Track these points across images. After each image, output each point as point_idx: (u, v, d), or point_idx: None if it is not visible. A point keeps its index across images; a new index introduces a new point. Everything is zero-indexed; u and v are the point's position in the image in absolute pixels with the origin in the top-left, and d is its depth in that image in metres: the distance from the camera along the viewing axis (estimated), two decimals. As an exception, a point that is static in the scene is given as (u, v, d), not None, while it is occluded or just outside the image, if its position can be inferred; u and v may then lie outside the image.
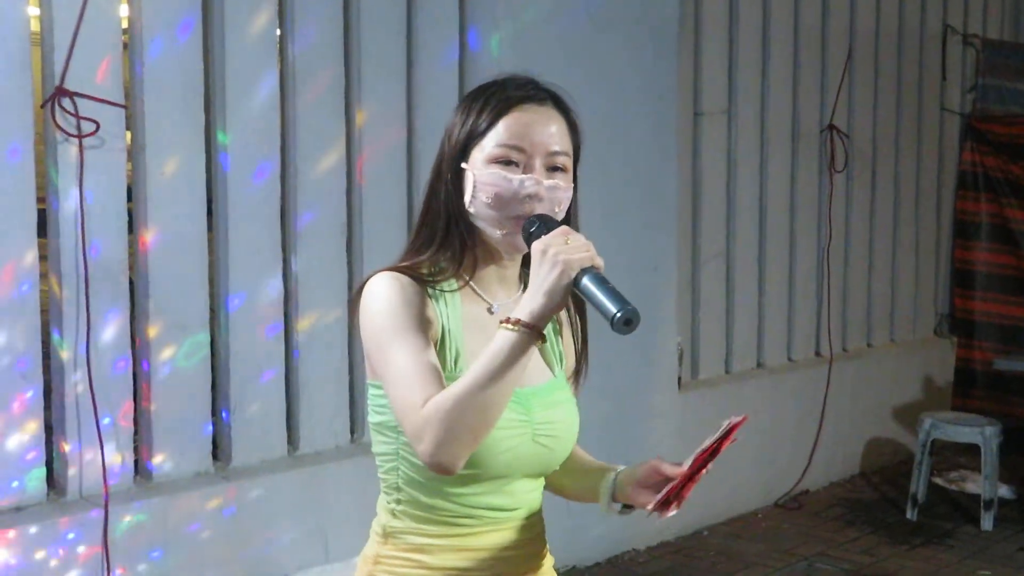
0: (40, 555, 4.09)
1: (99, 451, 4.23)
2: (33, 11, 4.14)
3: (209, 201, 4.62)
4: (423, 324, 2.21)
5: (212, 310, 4.63)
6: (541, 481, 2.40)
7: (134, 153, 4.42)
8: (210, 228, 4.64)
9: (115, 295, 4.32)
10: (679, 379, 6.43)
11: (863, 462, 7.69)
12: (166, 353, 4.45)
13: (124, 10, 4.38)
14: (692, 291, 6.65)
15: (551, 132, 2.28)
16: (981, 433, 6.63)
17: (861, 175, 7.69)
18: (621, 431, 5.90)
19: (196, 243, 4.52)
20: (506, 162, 2.25)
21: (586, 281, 2.05)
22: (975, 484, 7.06)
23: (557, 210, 2.26)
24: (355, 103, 4.92)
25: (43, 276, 4.23)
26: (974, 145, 8.31)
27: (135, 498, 4.33)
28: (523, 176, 2.23)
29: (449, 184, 2.30)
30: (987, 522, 6.56)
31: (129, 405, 4.39)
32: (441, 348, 2.25)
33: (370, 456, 5.06)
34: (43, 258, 4.22)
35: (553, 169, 2.27)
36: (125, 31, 4.39)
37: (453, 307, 2.29)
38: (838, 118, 7.38)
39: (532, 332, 2.05)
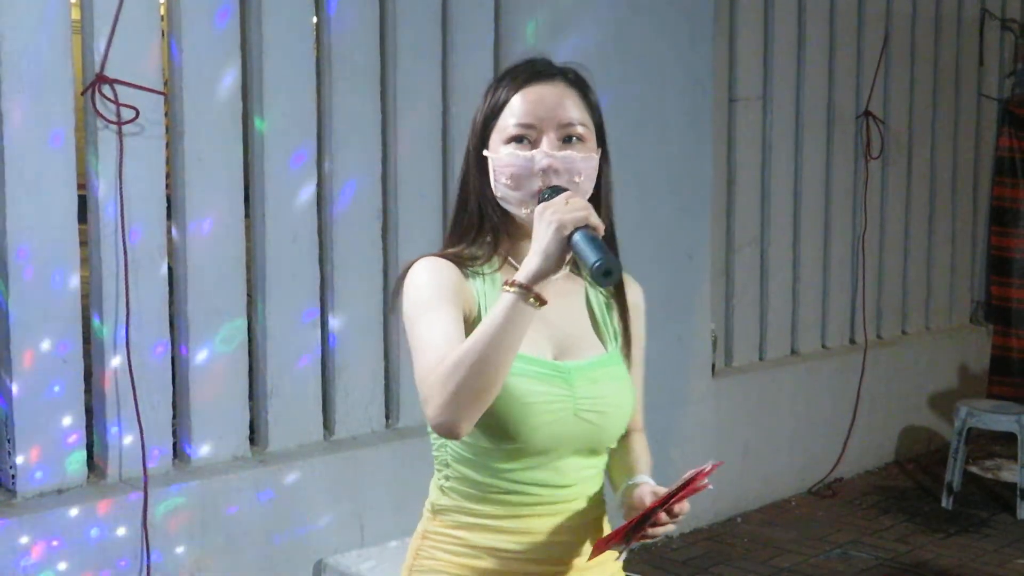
0: (81, 537, 4.16)
1: (138, 435, 4.30)
2: (73, -1, 4.21)
3: (246, 187, 4.68)
4: (455, 299, 2.26)
5: (249, 296, 4.69)
6: (596, 461, 2.39)
7: (173, 139, 4.47)
8: (247, 214, 4.70)
9: (154, 281, 4.37)
10: (713, 366, 6.45)
11: (898, 450, 7.70)
12: (204, 338, 4.51)
13: (163, -3, 4.45)
14: (726, 278, 6.67)
15: (561, 104, 2.30)
16: (1017, 421, 6.62)
17: (897, 162, 7.68)
18: (655, 417, 5.85)
19: (234, 229, 4.57)
20: (519, 140, 2.29)
21: (577, 238, 2.08)
22: (1011, 473, 7.05)
23: (578, 180, 2.28)
24: (391, 89, 4.96)
25: (83, 262, 4.29)
26: (1011, 131, 8.26)
27: (173, 481, 4.39)
28: (535, 151, 2.27)
29: (475, 172, 2.36)
30: (1023, 511, 6.57)
31: (168, 390, 4.46)
32: (478, 324, 2.28)
33: (405, 441, 5.14)
34: (83, 244, 4.28)
35: (568, 140, 2.29)
36: (164, 18, 4.44)
37: (492, 285, 2.33)
38: (874, 104, 7.37)
39: (528, 292, 2.08)
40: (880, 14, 7.44)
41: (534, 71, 2.35)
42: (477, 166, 2.35)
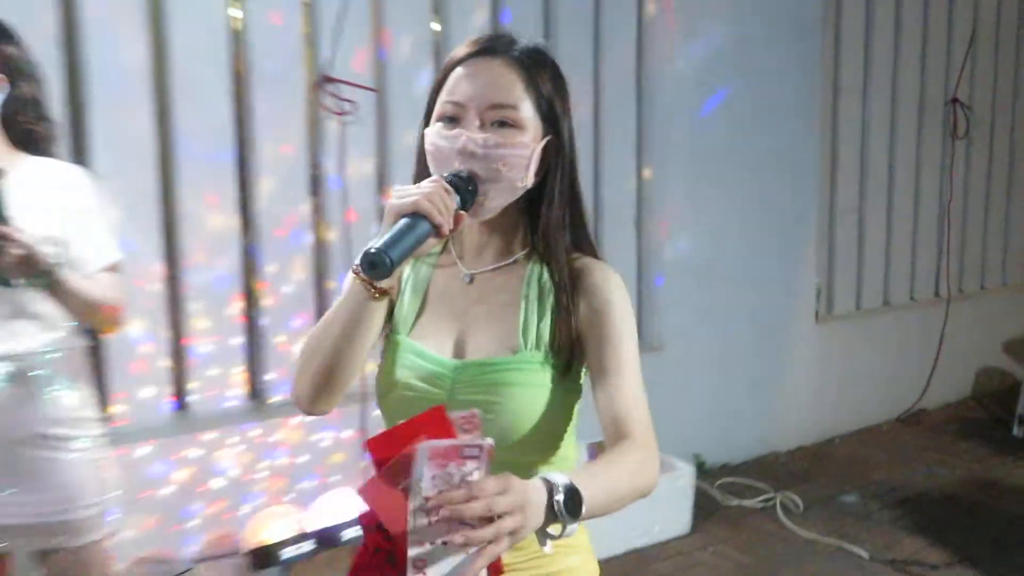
0: (313, 439, 4.57)
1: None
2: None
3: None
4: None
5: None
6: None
7: (382, 128, 4.72)
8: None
9: (370, 242, 4.73)
10: (816, 313, 6.58)
11: (975, 387, 7.74)
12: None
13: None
14: (829, 239, 6.77)
15: (493, 84, 1.83)
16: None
17: (980, 142, 7.69)
18: (767, 355, 6.14)
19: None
20: (448, 119, 1.85)
21: (398, 224, 1.72)
22: (1077, 407, 6.96)
23: (501, 168, 1.82)
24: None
25: (315, 226, 4.60)
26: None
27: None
28: (456, 130, 1.83)
29: (420, 150, 1.94)
30: (1084, 439, 6.48)
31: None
32: (396, 309, 1.98)
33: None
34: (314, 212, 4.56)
35: (501, 124, 1.83)
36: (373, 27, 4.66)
37: (423, 272, 2.00)
38: (961, 92, 7.42)
39: (357, 276, 1.76)
40: (968, 15, 7.44)
41: (476, 46, 1.88)
42: (421, 144, 1.92)
